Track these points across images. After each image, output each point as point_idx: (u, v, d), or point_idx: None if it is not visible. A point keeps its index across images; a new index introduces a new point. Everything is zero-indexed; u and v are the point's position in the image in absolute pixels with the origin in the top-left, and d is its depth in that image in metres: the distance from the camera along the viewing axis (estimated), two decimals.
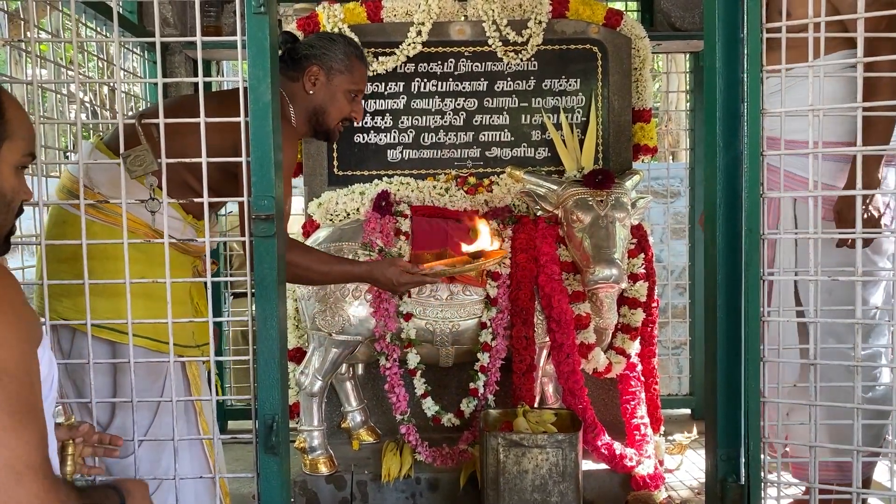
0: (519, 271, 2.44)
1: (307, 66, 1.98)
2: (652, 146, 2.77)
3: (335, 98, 2.01)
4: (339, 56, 2.01)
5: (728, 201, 1.60)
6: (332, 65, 2.00)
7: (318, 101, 1.99)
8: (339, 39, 2.06)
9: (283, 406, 1.49)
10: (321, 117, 2.00)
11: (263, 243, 1.47)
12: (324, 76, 1.99)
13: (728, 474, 1.63)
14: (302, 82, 1.98)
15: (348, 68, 2.03)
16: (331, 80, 2.00)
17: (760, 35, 1.52)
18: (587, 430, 2.40)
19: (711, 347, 1.65)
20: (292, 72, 1.99)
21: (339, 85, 2.01)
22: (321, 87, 1.99)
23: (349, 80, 2.03)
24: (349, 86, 2.03)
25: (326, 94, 1.99)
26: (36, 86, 1.56)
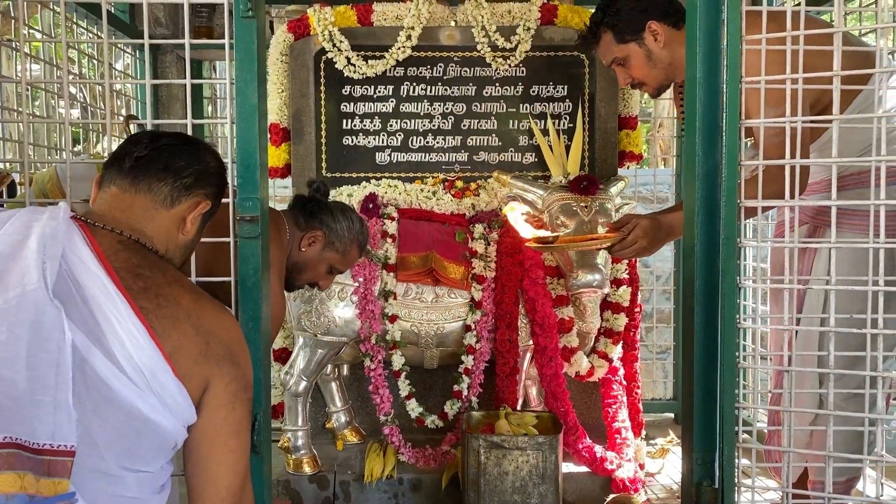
0: (504, 275, 2.47)
1: (315, 228, 2.01)
2: (637, 153, 2.80)
3: (318, 266, 2.04)
4: (346, 238, 2.05)
5: (706, 209, 1.62)
6: (335, 241, 2.04)
7: (303, 260, 2.02)
8: (356, 223, 2.09)
9: (266, 405, 1.51)
10: (295, 273, 2.03)
11: (248, 244, 1.49)
12: (321, 245, 2.02)
13: (703, 478, 1.65)
14: (302, 236, 2.00)
15: (344, 252, 2.07)
16: (324, 251, 2.03)
17: (740, 46, 1.54)
18: (568, 433, 2.43)
19: (689, 353, 1.67)
20: (302, 220, 2.02)
21: (329, 258, 2.05)
22: (313, 252, 2.02)
23: (339, 261, 2.07)
24: (336, 264, 2.08)
25: (313, 259, 2.02)
26: (24, 85, 1.57)
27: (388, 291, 2.44)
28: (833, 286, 1.54)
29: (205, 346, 1.15)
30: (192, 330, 1.15)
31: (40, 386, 1.02)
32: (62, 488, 1.01)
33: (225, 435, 1.17)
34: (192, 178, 1.28)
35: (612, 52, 2.16)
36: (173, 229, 1.28)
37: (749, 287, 2.39)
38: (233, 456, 1.18)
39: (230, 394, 1.17)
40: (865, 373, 1.56)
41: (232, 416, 1.17)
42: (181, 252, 1.33)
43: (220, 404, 1.16)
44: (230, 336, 1.20)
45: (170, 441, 1.15)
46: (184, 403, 1.13)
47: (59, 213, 1.15)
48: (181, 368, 1.13)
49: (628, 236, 2.00)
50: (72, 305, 1.07)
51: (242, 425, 1.20)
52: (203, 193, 1.31)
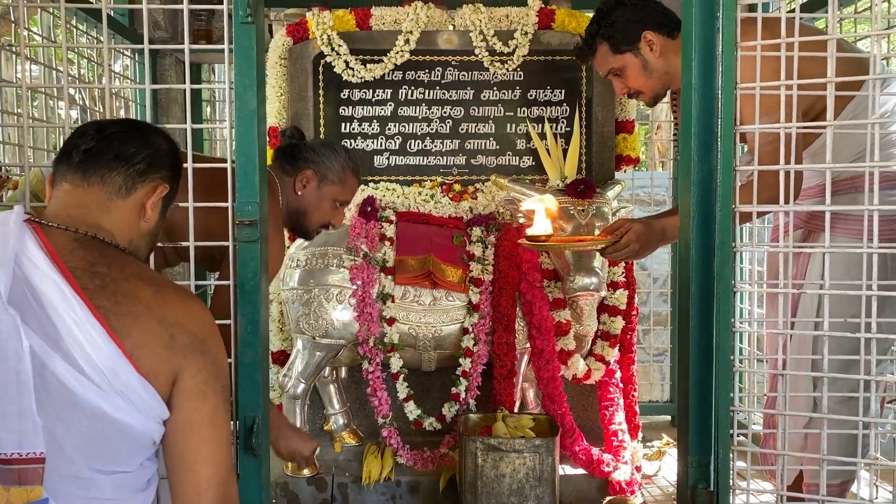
0: (501, 278, 2.48)
1: (303, 169, 2.01)
2: (634, 157, 2.82)
3: (321, 204, 2.03)
4: (336, 167, 2.04)
5: (702, 214, 1.63)
6: (327, 174, 2.03)
7: (304, 204, 2.01)
8: (341, 151, 2.08)
9: (264, 408, 1.52)
10: (302, 219, 2.02)
11: (247, 248, 1.50)
12: (315, 182, 2.01)
13: (699, 481, 1.66)
14: (293, 181, 2.00)
15: (341, 181, 2.05)
16: (321, 188, 2.02)
17: (735, 53, 1.56)
18: (565, 436, 2.44)
19: (684, 356, 1.68)
20: (289, 166, 2.02)
21: (329, 193, 2.04)
22: (310, 192, 2.01)
23: (339, 192, 2.06)
24: (338, 196, 2.06)
25: (314, 198, 2.01)
26: (25, 88, 1.58)
27: (387, 294, 2.46)
28: (827, 290, 1.55)
29: (168, 339, 1.13)
30: (154, 324, 1.12)
31: (3, 395, 1.02)
32: (35, 495, 1.01)
33: (198, 426, 1.15)
34: (145, 164, 1.25)
35: (609, 62, 2.17)
36: (133, 218, 1.25)
37: (745, 291, 2.40)
38: (209, 446, 1.15)
39: (199, 384, 1.14)
40: (859, 376, 1.58)
41: (203, 406, 1.14)
42: (146, 240, 1.30)
43: (190, 396, 1.14)
44: (197, 324, 1.17)
45: (143, 439, 1.13)
46: (151, 400, 1.11)
47: (10, 217, 1.13)
48: (145, 365, 1.10)
49: (621, 240, 2.02)
50: (28, 311, 1.06)
51: (217, 414, 1.16)
52: (159, 177, 1.27)
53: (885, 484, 2.01)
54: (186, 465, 1.14)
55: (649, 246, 2.07)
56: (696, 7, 1.58)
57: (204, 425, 1.15)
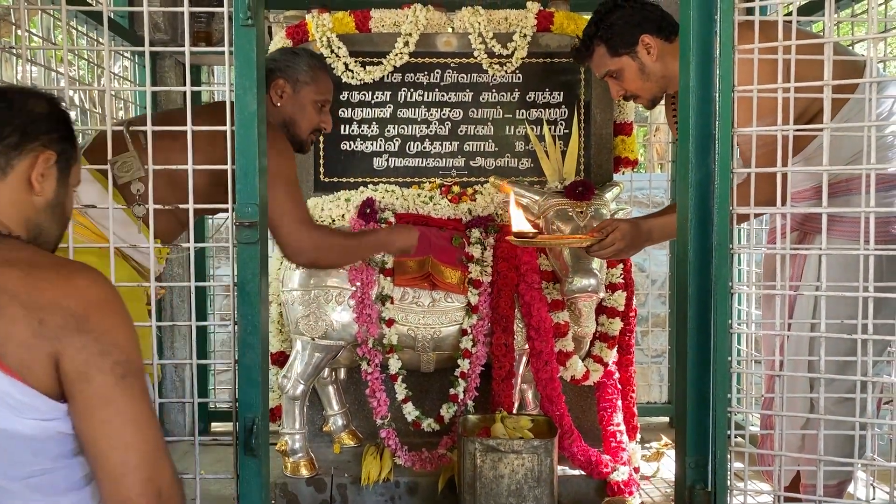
0: (500, 279, 2.49)
1: (273, 80, 2.00)
2: (633, 159, 2.83)
3: (304, 109, 2.03)
4: (304, 68, 2.03)
5: (700, 216, 1.64)
6: (298, 77, 2.02)
7: (288, 114, 2.01)
8: (302, 53, 2.08)
9: (264, 408, 1.53)
10: (292, 129, 2.02)
11: (247, 249, 1.51)
12: (290, 88, 2.01)
13: (696, 481, 1.67)
14: (269, 95, 1.99)
15: (313, 79, 2.05)
16: (297, 92, 2.02)
17: (732, 56, 1.57)
18: (563, 437, 2.45)
19: (682, 357, 1.69)
20: None
21: (306, 96, 2.03)
22: (288, 99, 2.01)
23: (315, 91, 2.05)
24: (315, 96, 2.06)
25: (295, 105, 2.02)
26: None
27: (386, 295, 2.46)
28: (823, 292, 1.56)
29: (37, 325, 1.02)
30: (20, 312, 1.02)
31: None
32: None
33: (90, 410, 1.04)
34: (18, 135, 1.14)
35: (606, 65, 2.18)
36: (22, 197, 1.15)
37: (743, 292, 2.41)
38: (109, 427, 1.05)
39: (80, 365, 1.04)
40: (856, 377, 1.59)
41: (89, 388, 1.04)
42: (49, 215, 1.20)
43: (73, 380, 1.04)
44: (74, 301, 1.05)
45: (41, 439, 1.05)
46: (27, 399, 1.02)
47: None
48: (12, 361, 1.01)
49: (606, 238, 2.05)
50: None
51: (111, 394, 1.05)
52: (39, 145, 1.16)
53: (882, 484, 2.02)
54: (93, 453, 1.06)
55: (635, 245, 2.10)
56: (693, 10, 1.59)
57: (96, 408, 1.05)
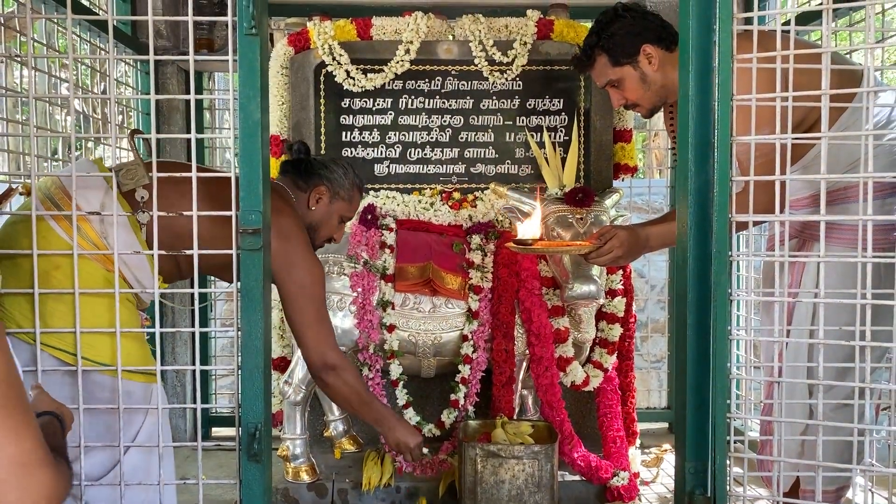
0: (500, 285, 2.50)
1: (318, 184, 2.05)
2: (632, 165, 2.85)
3: (331, 220, 2.08)
4: (346, 186, 2.09)
5: (699, 223, 1.66)
6: (339, 191, 2.08)
7: (316, 219, 2.05)
8: (350, 170, 2.13)
9: (266, 414, 1.53)
10: (313, 234, 2.06)
11: (250, 256, 1.52)
12: (327, 198, 2.06)
13: (696, 487, 1.68)
14: (308, 196, 2.04)
15: (349, 198, 2.11)
16: (332, 204, 2.07)
17: (731, 65, 1.59)
18: (564, 442, 2.46)
19: (682, 363, 1.70)
20: (301, 182, 2.05)
21: (338, 210, 2.09)
22: (322, 207, 2.06)
23: (347, 209, 2.12)
24: (345, 213, 2.12)
25: (325, 214, 2.06)
26: (32, 98, 1.60)
27: (387, 301, 2.48)
28: (822, 299, 1.58)
29: None
30: None
31: None
32: None
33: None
34: None
35: (607, 74, 2.20)
36: None
37: (742, 299, 2.42)
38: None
39: None
40: (854, 384, 1.60)
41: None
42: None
43: None
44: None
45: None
46: None
47: None
48: None
49: (604, 245, 2.06)
50: None
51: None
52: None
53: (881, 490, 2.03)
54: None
55: (632, 252, 2.11)
56: (692, 20, 1.61)
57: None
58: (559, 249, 2.27)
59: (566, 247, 2.22)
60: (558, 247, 2.25)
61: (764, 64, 1.57)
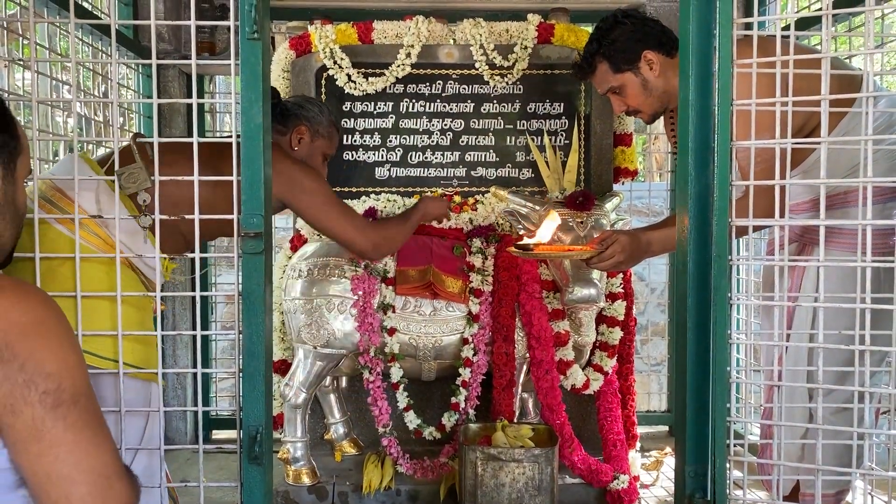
0: (501, 289, 2.51)
1: (297, 125, 2.09)
2: (632, 169, 2.85)
3: (314, 158, 2.13)
4: (324, 122, 2.15)
5: (699, 228, 1.66)
6: (318, 128, 2.13)
7: (300, 157, 2.08)
8: (324, 107, 2.19)
9: (268, 417, 1.54)
10: None
11: (252, 260, 1.52)
12: (308, 136, 2.11)
13: (696, 490, 1.68)
14: (289, 137, 2.08)
15: (329, 135, 2.17)
16: (314, 141, 2.12)
17: (731, 70, 1.59)
18: (564, 445, 2.46)
19: (682, 367, 1.71)
20: (280, 125, 2.08)
21: (319, 147, 2.14)
22: (305, 146, 2.10)
23: (327, 145, 2.17)
24: (326, 150, 2.17)
25: (308, 152, 2.11)
26: (35, 102, 1.61)
27: (387, 304, 2.48)
28: (821, 303, 1.58)
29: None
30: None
31: None
32: None
33: (23, 442, 0.99)
34: None
35: (608, 81, 2.20)
36: None
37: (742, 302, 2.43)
38: (45, 461, 0.99)
39: (5, 397, 0.98)
40: (854, 388, 1.60)
41: (17, 421, 0.98)
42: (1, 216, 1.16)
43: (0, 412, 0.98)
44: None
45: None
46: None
47: None
48: None
49: (606, 251, 2.06)
50: None
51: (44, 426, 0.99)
52: None
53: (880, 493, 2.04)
54: (33, 488, 1.02)
55: (634, 257, 2.11)
56: (693, 24, 1.61)
57: (28, 442, 0.99)
58: (561, 255, 2.27)
59: (568, 252, 2.22)
60: (560, 252, 2.25)
61: (764, 69, 1.57)
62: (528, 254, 2.07)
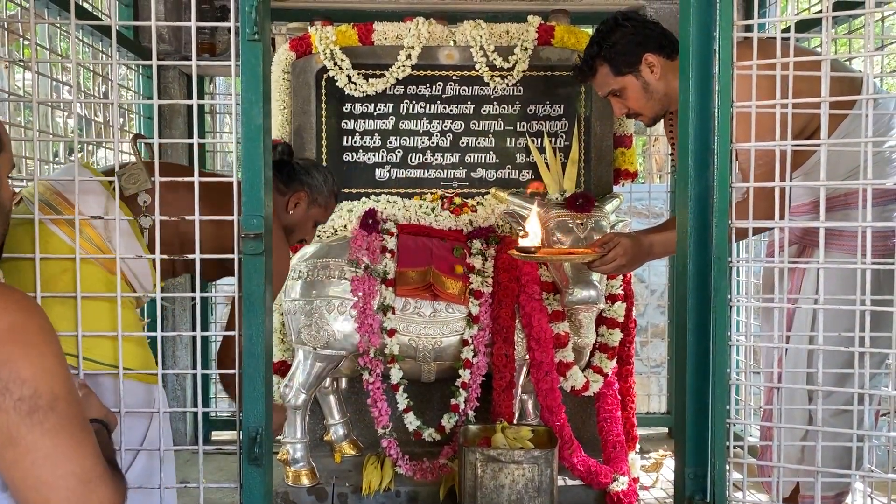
0: (501, 290, 2.51)
1: (298, 189, 2.07)
2: (632, 171, 2.86)
3: (305, 224, 2.11)
4: (325, 192, 2.12)
5: (699, 229, 1.66)
6: (317, 197, 2.11)
7: (292, 222, 2.08)
8: (329, 176, 2.17)
9: (268, 419, 1.54)
10: (287, 235, 2.08)
11: (252, 261, 1.52)
12: (306, 204, 2.09)
13: (695, 492, 1.68)
14: (287, 199, 2.06)
15: (326, 205, 2.15)
16: (309, 209, 2.10)
17: (731, 72, 1.59)
18: (563, 447, 2.46)
19: (681, 369, 1.71)
20: (282, 185, 2.06)
21: (313, 215, 2.12)
22: (300, 212, 2.08)
23: (322, 214, 2.15)
24: (319, 218, 2.15)
25: (301, 218, 2.09)
26: (35, 103, 1.61)
27: (387, 306, 2.48)
28: (821, 305, 1.58)
29: None
30: None
31: None
32: None
33: (0, 448, 0.98)
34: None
35: (609, 84, 2.20)
36: None
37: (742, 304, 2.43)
38: (21, 468, 0.99)
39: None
40: (853, 390, 1.60)
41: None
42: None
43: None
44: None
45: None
46: None
47: None
48: None
49: (608, 254, 2.06)
50: None
51: (19, 432, 0.98)
52: None
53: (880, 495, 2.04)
54: (14, 494, 1.01)
55: (636, 260, 2.11)
56: (693, 27, 1.61)
57: (5, 448, 0.98)
58: (563, 258, 2.26)
59: (570, 255, 2.21)
60: (562, 255, 2.24)
61: (764, 71, 1.58)
62: (531, 257, 2.06)
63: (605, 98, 2.27)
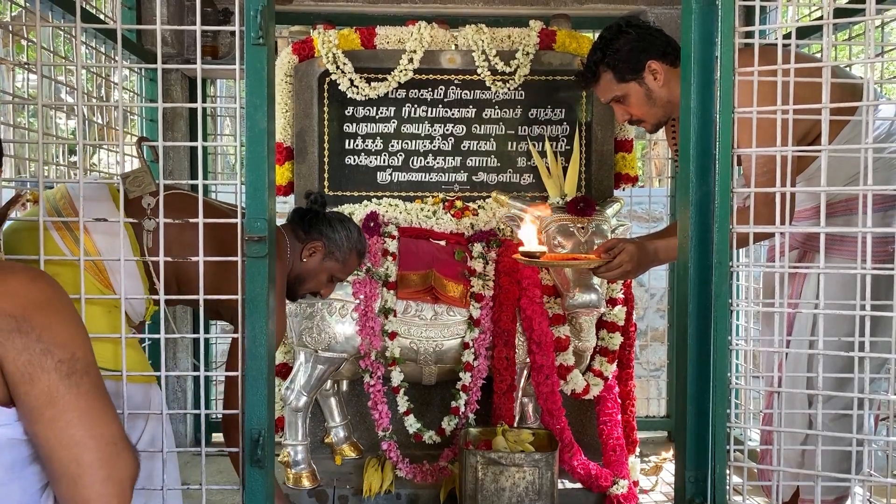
0: (502, 294, 2.52)
1: (315, 239, 2.05)
2: (633, 175, 2.86)
3: (318, 276, 2.08)
4: (345, 247, 2.09)
5: (700, 234, 1.67)
6: (334, 251, 2.08)
7: (304, 271, 2.06)
8: (355, 233, 2.13)
9: (270, 421, 1.54)
10: (297, 284, 2.07)
11: (256, 263, 1.53)
12: (320, 255, 2.06)
13: (695, 495, 1.69)
14: (303, 247, 2.04)
15: (344, 261, 2.11)
16: (324, 261, 2.08)
17: (733, 78, 1.60)
18: (564, 450, 2.47)
19: (682, 373, 1.71)
20: (302, 232, 2.06)
21: (329, 268, 2.09)
22: (314, 262, 2.06)
23: (339, 269, 2.12)
24: (336, 273, 2.12)
25: (314, 269, 2.07)
26: (40, 105, 1.62)
27: (388, 309, 2.49)
28: (822, 310, 1.59)
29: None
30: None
31: None
32: None
33: (38, 409, 1.04)
34: None
35: (612, 90, 2.19)
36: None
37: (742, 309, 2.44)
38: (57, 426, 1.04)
39: (23, 366, 1.03)
40: (853, 394, 1.61)
41: (34, 389, 1.03)
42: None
43: (17, 381, 1.03)
44: (14, 302, 1.05)
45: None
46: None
47: None
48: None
49: (613, 260, 2.06)
50: None
51: (58, 391, 1.05)
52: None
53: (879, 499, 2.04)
54: (46, 453, 1.06)
55: (642, 266, 2.11)
56: (695, 34, 1.63)
57: (43, 408, 1.04)
58: (568, 263, 2.24)
59: (575, 260, 2.20)
60: (567, 260, 2.23)
61: (765, 77, 1.58)
62: (535, 262, 2.07)
63: (607, 104, 2.28)
